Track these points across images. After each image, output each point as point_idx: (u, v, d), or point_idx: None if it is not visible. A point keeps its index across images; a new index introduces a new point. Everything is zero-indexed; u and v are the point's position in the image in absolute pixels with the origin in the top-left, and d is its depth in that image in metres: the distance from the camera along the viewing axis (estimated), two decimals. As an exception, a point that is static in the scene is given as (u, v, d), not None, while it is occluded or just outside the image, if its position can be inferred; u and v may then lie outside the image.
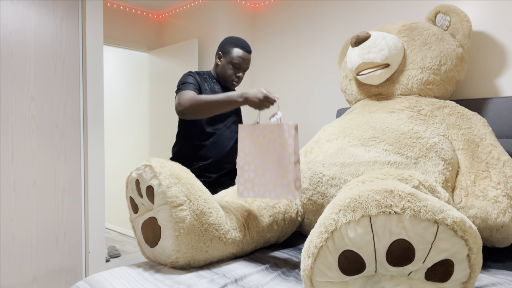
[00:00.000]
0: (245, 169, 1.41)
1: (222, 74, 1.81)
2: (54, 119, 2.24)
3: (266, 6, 3.26)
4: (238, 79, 1.80)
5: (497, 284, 1.21)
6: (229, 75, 1.79)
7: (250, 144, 1.41)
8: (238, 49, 1.78)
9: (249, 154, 1.41)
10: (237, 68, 1.78)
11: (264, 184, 1.37)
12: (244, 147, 1.42)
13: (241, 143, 1.42)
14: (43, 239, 2.20)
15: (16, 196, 2.11)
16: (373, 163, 1.55)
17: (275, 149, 1.37)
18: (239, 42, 1.80)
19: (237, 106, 1.54)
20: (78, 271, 2.34)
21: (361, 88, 2.05)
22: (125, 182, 1.43)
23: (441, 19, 1.98)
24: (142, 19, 3.68)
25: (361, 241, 0.86)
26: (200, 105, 1.54)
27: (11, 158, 2.09)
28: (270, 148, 1.37)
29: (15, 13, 2.10)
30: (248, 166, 1.40)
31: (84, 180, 2.35)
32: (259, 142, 1.40)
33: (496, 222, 1.38)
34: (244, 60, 1.78)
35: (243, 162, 1.41)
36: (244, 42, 1.81)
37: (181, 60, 3.34)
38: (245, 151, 1.41)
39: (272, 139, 1.38)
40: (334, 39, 2.77)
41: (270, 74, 3.23)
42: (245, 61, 1.78)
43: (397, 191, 0.88)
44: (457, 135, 1.61)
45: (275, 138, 1.37)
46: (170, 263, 1.33)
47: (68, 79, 2.30)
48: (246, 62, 1.79)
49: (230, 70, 1.78)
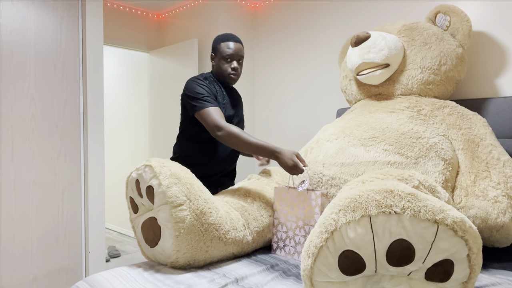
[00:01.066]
0: (278, 228, 1.56)
1: (219, 71, 1.81)
2: (54, 119, 2.24)
3: (266, 6, 3.26)
4: (235, 71, 1.80)
5: (497, 284, 1.20)
6: (224, 70, 1.79)
7: (282, 206, 1.55)
8: (225, 42, 1.79)
9: (282, 215, 1.55)
10: (230, 60, 1.78)
11: (294, 246, 1.51)
12: (278, 208, 1.56)
13: (275, 203, 1.57)
14: (43, 239, 2.20)
15: (16, 196, 2.11)
16: (373, 163, 1.55)
17: (304, 215, 1.49)
18: (225, 36, 1.81)
19: (268, 158, 1.63)
20: (78, 271, 2.34)
21: (361, 88, 2.05)
22: (125, 182, 1.43)
23: (441, 19, 1.98)
24: (142, 19, 3.68)
25: (361, 241, 0.86)
26: (239, 142, 1.59)
27: (11, 158, 2.09)
28: (299, 212, 1.50)
29: (15, 13, 2.10)
30: (281, 227, 1.55)
31: (84, 180, 2.35)
32: (290, 206, 1.53)
33: (496, 222, 1.38)
34: (234, 49, 1.78)
35: (277, 222, 1.56)
36: (230, 34, 1.83)
37: (181, 60, 3.34)
38: (278, 211, 1.56)
39: (301, 205, 1.50)
40: (334, 39, 2.77)
41: (270, 73, 3.23)
42: (234, 50, 1.78)
43: (397, 191, 0.88)
44: (457, 135, 1.61)
45: (304, 204, 1.49)
46: (170, 263, 1.33)
47: (68, 79, 2.30)
48: (237, 51, 1.79)
49: (224, 65, 1.79)
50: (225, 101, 1.82)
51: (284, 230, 1.53)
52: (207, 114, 1.65)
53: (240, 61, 1.81)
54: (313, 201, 1.46)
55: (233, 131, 1.59)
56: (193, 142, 1.82)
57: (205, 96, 1.70)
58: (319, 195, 1.45)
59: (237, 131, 1.60)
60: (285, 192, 1.55)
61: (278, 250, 1.55)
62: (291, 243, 1.51)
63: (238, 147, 1.62)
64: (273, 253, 1.56)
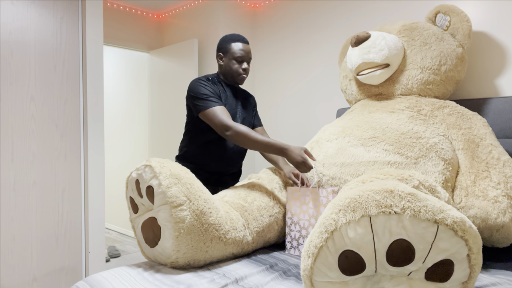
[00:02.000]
0: (292, 228, 1.56)
1: (229, 72, 1.82)
2: (54, 119, 2.24)
3: (266, 6, 3.26)
4: (245, 71, 1.82)
5: (497, 284, 1.20)
6: (235, 70, 1.81)
7: (295, 206, 1.56)
8: (236, 43, 1.80)
9: (295, 214, 1.56)
10: (241, 61, 1.81)
11: None
12: (291, 208, 1.57)
13: (288, 204, 1.58)
14: (43, 239, 2.20)
15: (16, 196, 2.11)
16: (373, 163, 1.55)
17: (316, 213, 1.50)
18: (235, 36, 1.83)
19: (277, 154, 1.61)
20: (78, 271, 2.34)
21: (361, 88, 2.05)
22: (125, 182, 1.43)
23: (441, 19, 1.98)
24: (142, 19, 3.68)
25: (361, 241, 0.86)
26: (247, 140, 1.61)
27: (11, 158, 2.09)
28: (311, 210, 1.52)
29: (15, 13, 2.10)
30: (294, 226, 1.56)
31: (84, 180, 2.35)
32: (303, 205, 1.54)
33: (496, 222, 1.38)
34: (245, 51, 1.81)
35: (290, 221, 1.57)
36: (240, 35, 1.85)
37: (181, 60, 3.34)
38: (291, 211, 1.57)
39: (313, 203, 1.52)
40: (334, 38, 2.77)
41: (270, 73, 3.23)
42: (246, 51, 1.81)
43: (397, 191, 0.88)
44: (457, 135, 1.61)
45: (316, 202, 1.51)
46: (170, 263, 1.33)
47: (68, 79, 2.30)
48: (248, 53, 1.82)
49: (235, 65, 1.80)
50: (228, 101, 1.83)
51: (298, 229, 1.54)
52: (213, 113, 1.66)
53: (249, 62, 1.84)
54: (324, 199, 1.48)
55: (241, 130, 1.61)
56: (198, 140, 1.83)
57: (210, 96, 1.71)
58: (330, 192, 1.47)
59: (244, 130, 1.61)
60: (297, 191, 1.56)
61: (292, 250, 1.56)
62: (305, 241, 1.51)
63: (246, 146, 1.63)
64: (287, 252, 1.57)
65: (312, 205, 1.51)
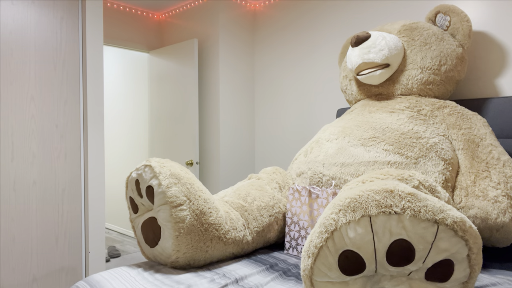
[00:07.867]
0: (291, 228, 1.59)
1: None
2: (54, 119, 2.24)
3: (266, 6, 3.26)
4: None
5: (497, 284, 1.20)
6: None
7: (295, 206, 1.59)
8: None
9: (295, 214, 1.58)
10: None
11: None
12: (291, 208, 1.60)
13: (289, 203, 1.61)
14: (43, 239, 2.20)
15: (16, 196, 2.11)
16: (373, 163, 1.55)
17: (317, 213, 1.52)
18: None
19: None
20: (78, 271, 2.34)
21: (361, 88, 2.05)
22: (125, 182, 1.43)
23: (441, 19, 1.98)
24: (142, 19, 3.67)
25: (361, 241, 0.86)
26: None
27: (11, 158, 2.09)
28: (312, 212, 1.54)
29: (15, 13, 2.10)
30: (294, 226, 1.58)
31: (84, 180, 2.35)
32: (303, 205, 1.57)
33: (496, 222, 1.38)
34: None
35: (290, 221, 1.59)
36: None
37: (181, 60, 3.34)
38: (292, 211, 1.59)
39: (313, 204, 1.54)
40: (334, 39, 2.77)
41: (270, 73, 3.23)
42: None
43: (397, 191, 0.88)
44: (457, 135, 1.61)
45: (316, 203, 1.53)
46: (170, 263, 1.33)
47: (68, 79, 2.30)
48: None
49: None
50: None
51: (297, 230, 1.56)
52: None
53: None
54: (324, 200, 1.49)
55: None
56: None
57: None
58: (330, 194, 1.48)
59: None
60: (298, 191, 1.58)
61: (291, 249, 1.57)
62: (303, 242, 1.53)
63: None
64: (286, 252, 1.58)
65: (313, 206, 1.52)
